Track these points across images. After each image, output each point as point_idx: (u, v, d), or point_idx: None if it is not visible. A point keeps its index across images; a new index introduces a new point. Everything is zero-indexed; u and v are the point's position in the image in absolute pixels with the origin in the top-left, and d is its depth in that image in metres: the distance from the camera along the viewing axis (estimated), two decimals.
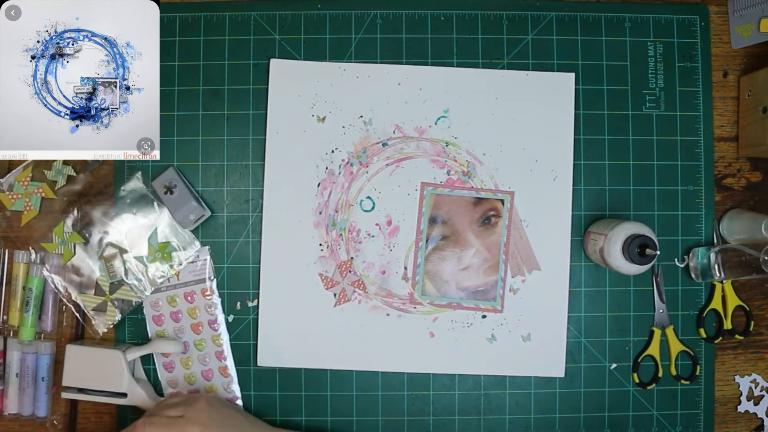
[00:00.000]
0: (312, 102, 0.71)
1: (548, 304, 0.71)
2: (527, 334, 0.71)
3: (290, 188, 0.71)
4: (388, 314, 0.71)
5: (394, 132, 0.71)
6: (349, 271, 0.71)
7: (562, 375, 0.71)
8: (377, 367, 0.71)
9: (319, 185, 0.71)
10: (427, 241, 0.71)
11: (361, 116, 0.71)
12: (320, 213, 0.71)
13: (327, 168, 0.71)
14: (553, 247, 0.71)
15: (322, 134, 0.71)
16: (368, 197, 0.71)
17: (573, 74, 0.72)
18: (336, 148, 0.71)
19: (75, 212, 0.70)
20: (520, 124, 0.71)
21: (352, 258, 0.71)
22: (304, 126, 0.71)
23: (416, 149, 0.71)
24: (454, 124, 0.71)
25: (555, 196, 0.71)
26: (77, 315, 0.69)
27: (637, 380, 0.71)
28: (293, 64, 0.71)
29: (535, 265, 0.71)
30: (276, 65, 0.71)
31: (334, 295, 0.71)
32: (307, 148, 0.71)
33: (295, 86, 0.71)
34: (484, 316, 0.71)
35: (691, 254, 0.71)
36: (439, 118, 0.71)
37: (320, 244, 0.71)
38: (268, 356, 0.70)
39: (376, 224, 0.71)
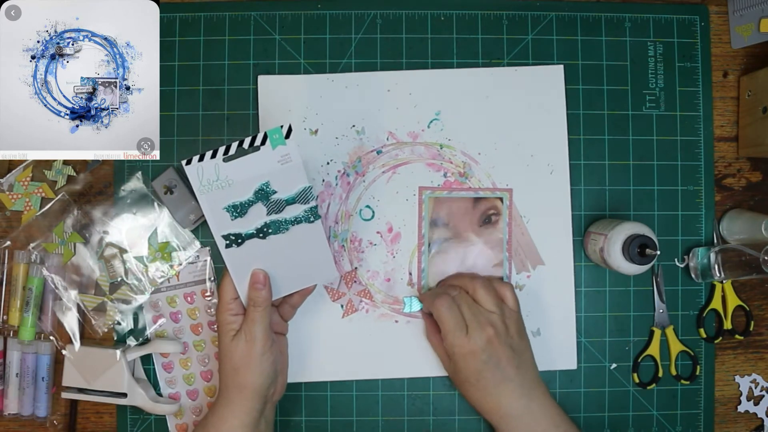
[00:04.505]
0: (303, 115, 0.71)
1: (555, 297, 0.71)
2: (536, 329, 0.71)
3: None
4: (396, 321, 0.71)
5: (387, 139, 0.71)
6: (355, 281, 0.71)
7: (575, 366, 0.71)
8: (391, 374, 0.70)
9: (317, 198, 0.71)
10: (429, 244, 0.71)
11: (354, 126, 0.71)
12: None
13: (324, 180, 0.71)
14: (556, 241, 0.71)
15: (316, 147, 0.71)
16: (367, 206, 0.71)
17: (561, 66, 0.71)
18: (331, 160, 0.71)
19: (75, 212, 0.70)
20: (513, 121, 0.71)
21: (356, 268, 0.71)
22: (298, 140, 0.70)
23: (411, 154, 0.71)
24: (446, 126, 0.71)
25: (553, 189, 0.71)
26: (77, 315, 0.69)
27: (637, 380, 0.71)
28: (281, 79, 0.71)
29: (539, 260, 0.71)
30: (264, 81, 0.70)
31: (341, 306, 0.71)
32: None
33: (285, 101, 0.70)
34: None
35: (691, 254, 0.71)
36: (431, 122, 0.71)
37: None
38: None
39: (378, 232, 0.71)
